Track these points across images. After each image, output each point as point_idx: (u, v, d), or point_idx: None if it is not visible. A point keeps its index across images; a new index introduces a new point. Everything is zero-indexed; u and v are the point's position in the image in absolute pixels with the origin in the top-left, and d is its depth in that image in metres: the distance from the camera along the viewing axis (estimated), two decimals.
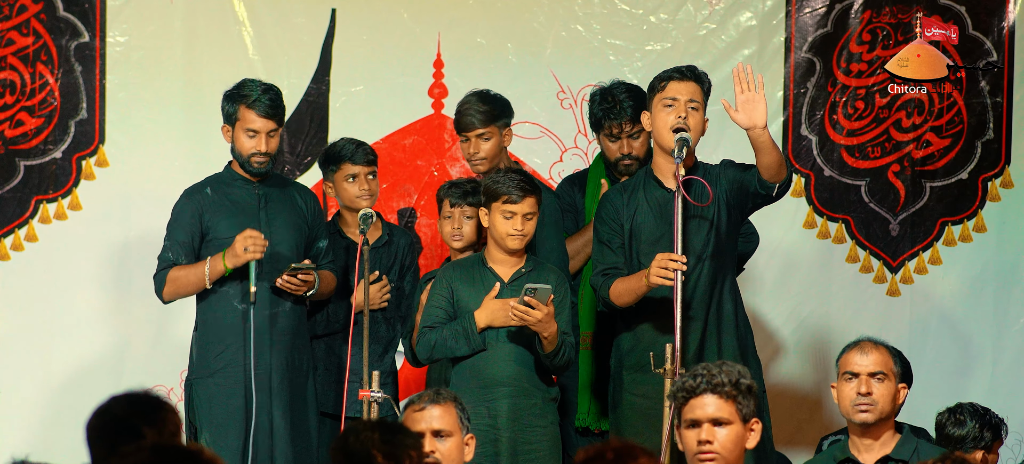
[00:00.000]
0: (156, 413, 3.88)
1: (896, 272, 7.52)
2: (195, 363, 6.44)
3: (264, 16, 7.43)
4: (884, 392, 5.47)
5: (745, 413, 4.68)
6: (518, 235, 5.96)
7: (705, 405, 4.68)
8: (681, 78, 6.04)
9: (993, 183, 7.52)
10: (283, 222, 6.45)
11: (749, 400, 4.69)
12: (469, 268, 6.09)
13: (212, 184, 6.50)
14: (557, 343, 5.91)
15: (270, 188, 6.48)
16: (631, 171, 6.67)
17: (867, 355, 5.50)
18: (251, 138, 6.42)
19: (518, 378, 5.97)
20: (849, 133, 7.50)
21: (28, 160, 7.37)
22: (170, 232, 6.45)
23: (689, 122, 5.96)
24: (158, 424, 3.86)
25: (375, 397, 5.93)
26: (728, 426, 4.66)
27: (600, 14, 7.48)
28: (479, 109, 6.56)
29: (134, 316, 7.37)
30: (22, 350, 7.30)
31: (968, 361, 7.50)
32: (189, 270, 6.38)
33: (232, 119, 6.43)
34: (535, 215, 6.01)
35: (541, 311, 5.80)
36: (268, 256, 6.36)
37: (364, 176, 6.63)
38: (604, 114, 6.64)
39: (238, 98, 6.43)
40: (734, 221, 6.09)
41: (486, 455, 5.88)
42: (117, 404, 3.88)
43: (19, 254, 7.40)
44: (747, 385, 4.70)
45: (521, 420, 5.96)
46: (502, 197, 5.95)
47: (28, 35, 7.33)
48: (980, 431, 6.08)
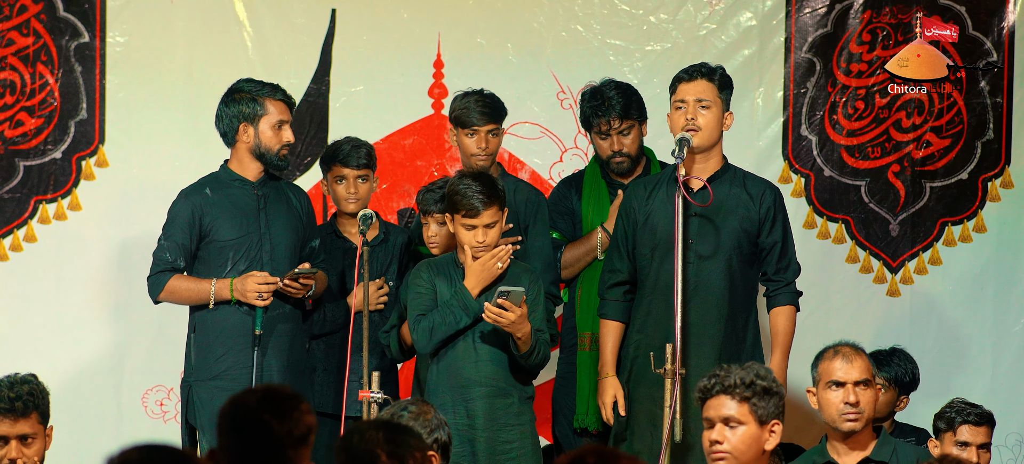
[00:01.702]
0: (286, 407, 3.90)
1: (896, 272, 7.52)
2: (194, 366, 6.40)
3: (264, 16, 7.43)
4: (869, 399, 5.50)
5: (761, 414, 4.70)
6: (480, 246, 5.96)
7: (718, 405, 4.73)
8: (689, 79, 6.07)
9: (993, 183, 7.52)
10: (281, 223, 6.43)
11: (767, 401, 4.70)
12: (443, 266, 6.09)
13: (211, 185, 6.44)
14: (531, 343, 5.92)
15: (268, 189, 6.46)
16: (623, 168, 6.68)
17: (852, 364, 5.51)
18: (278, 130, 6.39)
19: (494, 378, 5.98)
20: (849, 133, 7.50)
21: (28, 160, 7.36)
22: (167, 232, 6.40)
23: (698, 122, 6.00)
24: (288, 418, 3.89)
25: (375, 398, 5.93)
26: (740, 427, 4.68)
27: (600, 14, 7.48)
28: (491, 103, 6.55)
29: (133, 317, 7.36)
30: (21, 351, 7.29)
31: (968, 361, 7.50)
32: (191, 285, 6.34)
33: (254, 116, 6.37)
34: (498, 222, 5.99)
35: (515, 313, 5.81)
36: (268, 257, 6.35)
37: (353, 179, 6.61)
38: (592, 112, 6.66)
39: (261, 92, 6.39)
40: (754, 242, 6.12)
41: (463, 455, 5.90)
42: (251, 396, 3.91)
43: (18, 255, 7.39)
44: (764, 387, 4.71)
45: (498, 420, 5.97)
46: (461, 210, 5.94)
47: (28, 35, 7.32)
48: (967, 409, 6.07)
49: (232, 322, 6.33)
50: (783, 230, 6.13)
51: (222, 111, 6.42)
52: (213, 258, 6.36)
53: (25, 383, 5.28)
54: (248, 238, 6.36)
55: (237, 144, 6.41)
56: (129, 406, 7.38)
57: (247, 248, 6.35)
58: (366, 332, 6.08)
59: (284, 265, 6.35)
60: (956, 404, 6.04)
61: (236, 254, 6.34)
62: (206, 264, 6.38)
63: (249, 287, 6.24)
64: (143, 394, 7.39)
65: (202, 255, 6.39)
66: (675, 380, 5.73)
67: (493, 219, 5.95)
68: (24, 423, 5.25)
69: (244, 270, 6.32)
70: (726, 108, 6.11)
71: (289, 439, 3.85)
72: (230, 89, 6.45)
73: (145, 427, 7.38)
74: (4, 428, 5.23)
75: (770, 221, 6.09)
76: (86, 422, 7.22)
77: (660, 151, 6.86)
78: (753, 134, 7.45)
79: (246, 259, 6.34)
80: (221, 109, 6.42)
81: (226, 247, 6.34)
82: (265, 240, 6.37)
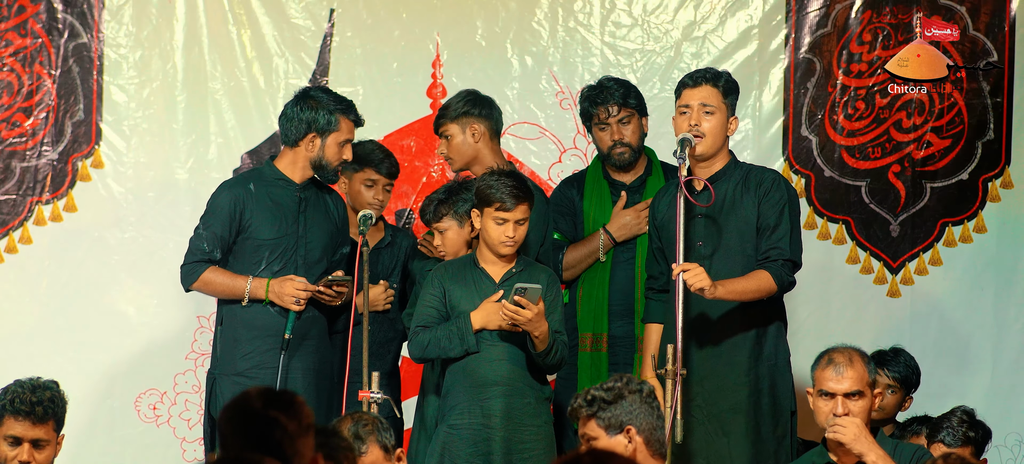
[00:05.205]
0: (292, 406, 3.92)
1: (896, 273, 7.52)
2: (219, 358, 6.36)
3: (263, 16, 7.41)
4: (861, 409, 5.50)
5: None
6: (510, 241, 5.95)
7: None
8: (693, 84, 6.06)
9: (993, 184, 7.52)
10: (318, 227, 6.40)
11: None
12: (461, 268, 6.08)
13: (255, 180, 6.40)
14: (549, 342, 5.91)
15: (309, 192, 6.42)
16: (625, 160, 6.68)
17: (843, 375, 5.50)
18: (342, 148, 6.35)
19: (511, 377, 5.97)
20: (849, 134, 7.50)
21: (24, 162, 7.33)
22: (206, 222, 6.34)
23: (703, 128, 5.98)
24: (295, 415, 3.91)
25: (375, 398, 5.93)
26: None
27: (600, 14, 7.47)
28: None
29: (128, 320, 7.35)
30: (15, 353, 7.27)
31: (968, 362, 7.50)
32: (226, 280, 6.30)
33: (327, 129, 6.30)
34: (527, 220, 5.99)
35: (531, 311, 5.80)
36: (302, 260, 6.32)
37: (382, 187, 6.67)
38: (591, 102, 6.67)
39: (339, 107, 6.33)
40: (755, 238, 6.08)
41: (478, 455, 5.90)
42: (254, 399, 3.93)
43: (13, 257, 7.37)
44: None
45: (515, 419, 5.96)
46: (495, 204, 5.93)
47: (26, 35, 7.30)
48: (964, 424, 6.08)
49: (261, 321, 6.29)
50: (779, 214, 6.03)
51: (293, 112, 6.34)
52: (248, 254, 6.33)
53: (47, 389, 5.31)
54: (285, 239, 6.33)
55: (297, 148, 6.35)
56: (122, 409, 7.36)
57: (283, 249, 6.32)
58: (366, 332, 6.07)
59: (317, 269, 6.33)
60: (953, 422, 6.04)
61: (272, 254, 6.31)
62: (240, 259, 6.34)
63: (287, 291, 6.22)
64: (136, 397, 7.37)
65: (237, 249, 6.34)
66: (675, 380, 5.72)
67: (524, 216, 5.95)
68: (40, 429, 5.27)
69: (278, 271, 6.30)
70: (731, 113, 6.09)
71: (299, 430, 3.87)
72: (305, 92, 6.40)
73: (138, 430, 7.37)
74: (20, 430, 5.25)
75: (767, 203, 6.04)
76: (79, 425, 7.18)
77: (660, 151, 6.86)
78: (753, 134, 7.45)
79: (280, 260, 6.32)
80: (291, 110, 6.35)
81: (262, 245, 6.31)
82: (301, 243, 6.34)
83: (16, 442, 5.27)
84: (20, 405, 5.26)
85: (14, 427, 5.26)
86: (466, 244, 6.30)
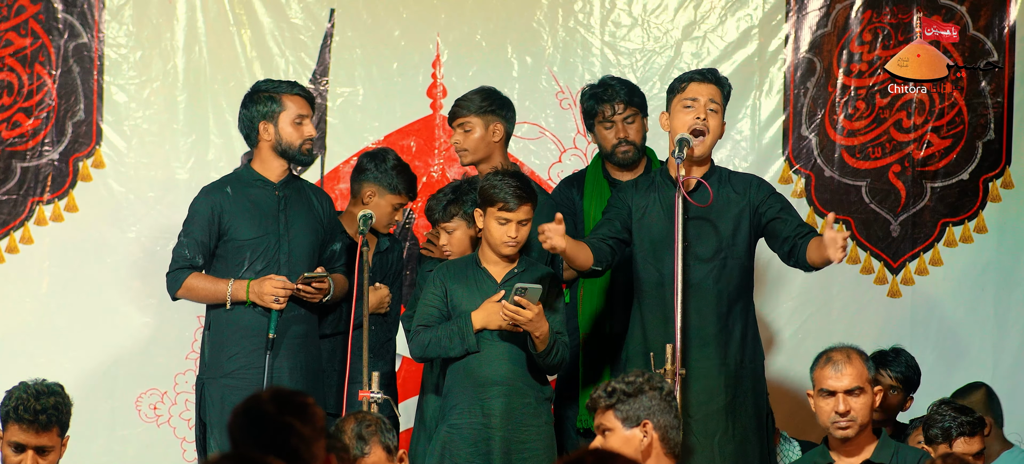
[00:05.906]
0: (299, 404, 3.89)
1: (897, 273, 7.52)
2: (207, 362, 6.39)
3: (263, 16, 7.42)
4: (862, 405, 5.49)
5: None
6: (512, 242, 5.95)
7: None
8: (702, 79, 6.02)
9: (994, 184, 7.52)
10: (301, 225, 6.41)
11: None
12: (463, 268, 6.07)
13: (232, 183, 6.44)
14: (549, 342, 5.90)
15: (289, 190, 6.44)
16: (630, 158, 6.67)
17: (842, 372, 5.50)
18: (299, 125, 6.38)
19: (512, 377, 5.96)
20: (849, 133, 7.49)
21: (24, 162, 7.34)
22: (187, 229, 6.39)
23: (708, 124, 5.96)
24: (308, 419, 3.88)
25: (375, 398, 5.93)
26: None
27: (600, 14, 7.47)
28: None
29: (128, 320, 7.35)
30: (16, 353, 7.27)
31: (968, 362, 7.49)
32: (208, 285, 6.33)
33: (273, 113, 6.36)
34: (530, 221, 5.98)
35: (532, 311, 5.79)
36: (286, 258, 6.33)
37: (403, 210, 6.73)
38: (596, 100, 6.66)
39: (279, 88, 6.38)
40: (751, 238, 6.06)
41: (479, 454, 5.89)
42: (266, 403, 3.89)
43: (14, 257, 7.37)
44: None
45: (515, 419, 5.95)
46: (498, 204, 5.92)
47: (26, 35, 7.31)
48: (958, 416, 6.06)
49: (246, 322, 6.31)
50: (780, 202, 6.04)
51: (242, 113, 6.43)
52: (230, 257, 6.35)
53: (52, 395, 5.29)
54: (266, 239, 6.34)
55: (260, 144, 6.41)
56: (122, 409, 7.36)
57: (264, 248, 6.34)
58: (366, 333, 6.07)
59: (302, 267, 6.33)
60: (946, 412, 6.02)
61: (253, 254, 6.33)
62: (224, 262, 6.37)
63: (266, 290, 6.23)
64: (137, 397, 7.37)
65: (220, 253, 6.38)
66: (675, 380, 5.71)
67: (527, 216, 5.95)
68: (45, 436, 5.26)
69: (261, 270, 6.31)
70: (723, 118, 6.09)
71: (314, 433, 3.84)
72: (249, 91, 6.47)
73: (138, 430, 7.37)
74: (24, 437, 5.24)
75: (767, 202, 6.03)
76: (80, 425, 7.17)
77: (660, 151, 6.85)
78: (753, 134, 7.45)
79: (263, 259, 6.33)
80: (241, 112, 6.43)
81: (243, 246, 6.32)
82: (284, 241, 6.35)
83: (20, 449, 5.25)
84: (24, 413, 5.23)
85: (18, 434, 5.24)
86: (471, 244, 6.31)
